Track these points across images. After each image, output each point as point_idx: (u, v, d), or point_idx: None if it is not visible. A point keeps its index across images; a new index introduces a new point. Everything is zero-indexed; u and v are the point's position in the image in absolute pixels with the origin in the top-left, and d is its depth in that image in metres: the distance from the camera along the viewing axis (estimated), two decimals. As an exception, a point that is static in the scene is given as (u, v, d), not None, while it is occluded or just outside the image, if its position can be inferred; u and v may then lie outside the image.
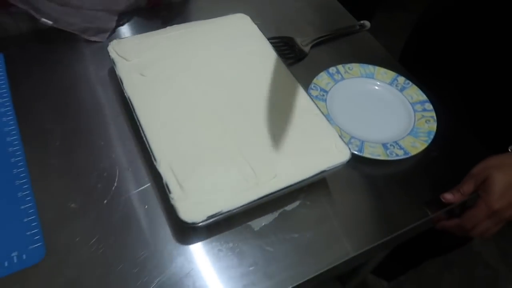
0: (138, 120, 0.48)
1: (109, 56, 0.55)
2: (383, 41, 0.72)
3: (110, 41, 0.56)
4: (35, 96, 0.56)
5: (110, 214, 0.47)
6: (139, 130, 0.48)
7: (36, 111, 0.55)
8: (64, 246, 0.44)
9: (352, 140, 0.54)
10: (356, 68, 0.64)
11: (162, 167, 0.44)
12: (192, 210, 0.41)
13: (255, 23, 0.63)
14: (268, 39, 0.61)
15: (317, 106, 0.52)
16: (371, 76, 0.63)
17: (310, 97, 0.53)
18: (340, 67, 0.63)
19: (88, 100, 0.57)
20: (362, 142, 0.54)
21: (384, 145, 0.54)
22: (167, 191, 0.43)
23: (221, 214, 0.42)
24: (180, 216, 0.41)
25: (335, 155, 0.48)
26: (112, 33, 0.66)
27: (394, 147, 0.54)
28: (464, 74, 0.65)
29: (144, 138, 0.47)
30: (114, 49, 0.55)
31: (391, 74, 0.63)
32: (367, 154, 0.53)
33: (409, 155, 0.53)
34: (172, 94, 0.51)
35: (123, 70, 0.53)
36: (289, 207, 0.49)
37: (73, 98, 0.57)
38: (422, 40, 0.76)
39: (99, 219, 0.46)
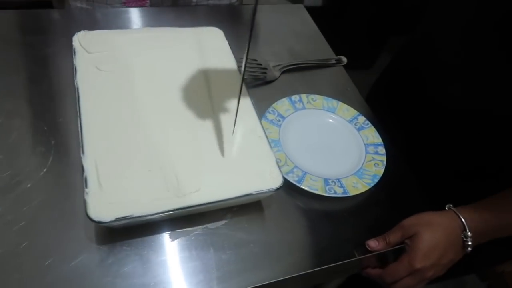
0: (79, 111, 0.48)
1: (72, 45, 0.55)
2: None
3: (78, 32, 0.57)
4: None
5: (30, 198, 0.46)
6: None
7: (-12, 87, 0.55)
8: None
9: (295, 170, 0.54)
10: (319, 100, 0.64)
11: (87, 161, 0.44)
12: (102, 209, 0.41)
13: (230, 39, 0.63)
14: (242, 57, 0.61)
15: (263, 129, 0.52)
16: (332, 111, 0.63)
17: (259, 119, 0.53)
18: (303, 96, 0.63)
19: (45, 85, 0.57)
20: (305, 173, 0.54)
21: (326, 181, 0.53)
22: (84, 185, 0.42)
23: (131, 218, 0.41)
24: (87, 212, 0.40)
25: (266, 181, 0.47)
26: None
27: (335, 184, 0.53)
28: (422, 125, 0.65)
29: (79, 129, 0.47)
30: (79, 39, 0.56)
31: (352, 112, 0.63)
32: (304, 186, 0.52)
33: (347, 194, 0.52)
34: (120, 93, 0.51)
35: (80, 61, 0.53)
36: (212, 225, 0.48)
37: (31, 81, 0.57)
38: (388, 83, 0.76)
39: (18, 201, 0.46)
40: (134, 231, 0.46)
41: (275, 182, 0.47)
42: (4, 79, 0.56)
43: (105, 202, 0.41)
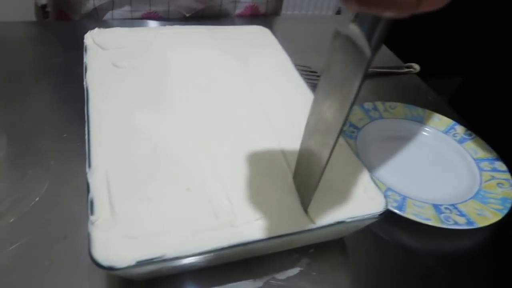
0: (87, 115, 0.34)
1: (84, 42, 0.43)
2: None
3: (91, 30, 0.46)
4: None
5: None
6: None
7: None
8: None
9: (389, 193, 0.37)
10: (399, 108, 0.49)
11: (95, 176, 0.29)
12: (115, 246, 0.25)
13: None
14: (302, 70, 0.49)
15: (344, 137, 0.37)
16: (419, 120, 0.48)
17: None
18: (378, 103, 0.49)
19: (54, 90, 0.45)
20: (404, 197, 0.37)
21: (436, 207, 0.37)
22: (89, 211, 0.27)
23: (163, 261, 0.25)
24: (92, 252, 0.24)
25: (361, 202, 0.31)
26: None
27: (451, 211, 0.37)
28: None
29: (86, 137, 0.32)
30: (92, 36, 0.44)
31: (446, 120, 0.48)
32: (410, 214, 0.35)
33: (475, 226, 0.35)
34: (144, 92, 0.38)
35: (93, 58, 0.41)
36: (281, 275, 0.32)
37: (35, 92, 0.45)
38: (479, 83, 0.61)
39: (20, 224, 0.31)
40: (161, 285, 0.29)
41: (376, 204, 0.30)
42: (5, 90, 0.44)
43: (120, 236, 0.26)
